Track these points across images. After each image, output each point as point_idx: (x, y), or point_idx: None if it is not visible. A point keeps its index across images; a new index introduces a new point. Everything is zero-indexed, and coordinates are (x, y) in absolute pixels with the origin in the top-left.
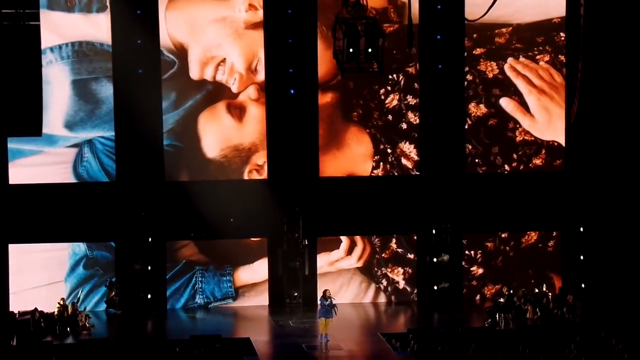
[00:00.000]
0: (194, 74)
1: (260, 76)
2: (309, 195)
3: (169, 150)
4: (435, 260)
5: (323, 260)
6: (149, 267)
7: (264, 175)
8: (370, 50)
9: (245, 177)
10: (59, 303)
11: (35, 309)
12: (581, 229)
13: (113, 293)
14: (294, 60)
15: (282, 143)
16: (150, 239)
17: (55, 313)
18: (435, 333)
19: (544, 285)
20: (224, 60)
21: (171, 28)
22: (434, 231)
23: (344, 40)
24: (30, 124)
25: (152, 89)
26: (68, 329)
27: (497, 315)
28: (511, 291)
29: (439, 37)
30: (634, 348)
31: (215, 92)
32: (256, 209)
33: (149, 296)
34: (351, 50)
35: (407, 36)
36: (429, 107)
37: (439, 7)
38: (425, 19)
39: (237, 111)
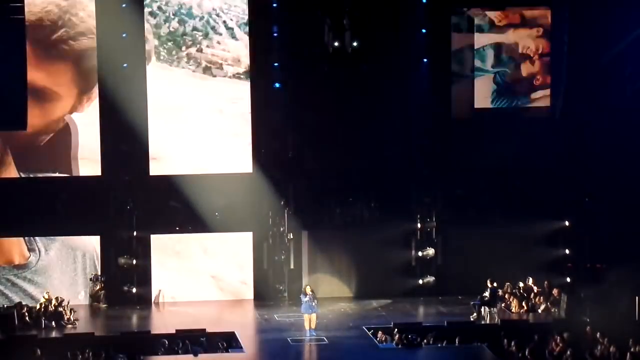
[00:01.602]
0: None
1: None
2: (294, 188)
3: None
4: (420, 254)
5: None
6: (134, 261)
7: None
8: (355, 44)
9: None
10: (43, 297)
11: (20, 302)
12: (567, 223)
13: (98, 287)
14: (279, 53)
15: (267, 137)
16: (135, 233)
17: (41, 307)
18: (421, 327)
19: (530, 278)
20: None
21: None
22: (419, 225)
23: (329, 33)
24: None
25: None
26: (53, 322)
27: (482, 309)
28: (495, 284)
29: (424, 30)
30: (619, 342)
31: None
32: (241, 203)
33: (134, 290)
34: (336, 44)
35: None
36: (415, 101)
37: (424, 1)
38: (411, 13)
39: None
